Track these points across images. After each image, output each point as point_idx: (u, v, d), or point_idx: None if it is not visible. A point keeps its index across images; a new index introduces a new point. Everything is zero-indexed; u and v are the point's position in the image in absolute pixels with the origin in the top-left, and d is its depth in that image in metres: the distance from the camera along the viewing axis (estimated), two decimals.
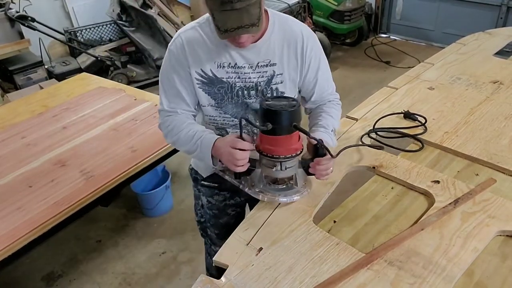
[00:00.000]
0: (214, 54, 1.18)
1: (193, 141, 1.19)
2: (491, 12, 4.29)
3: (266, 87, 1.22)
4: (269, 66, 1.20)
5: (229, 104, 1.23)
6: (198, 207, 1.58)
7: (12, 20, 3.39)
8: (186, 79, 1.20)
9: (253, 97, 1.23)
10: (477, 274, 0.99)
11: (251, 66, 1.19)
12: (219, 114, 1.25)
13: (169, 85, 1.22)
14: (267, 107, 1.06)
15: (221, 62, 1.18)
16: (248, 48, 1.16)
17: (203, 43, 1.17)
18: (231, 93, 1.21)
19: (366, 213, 1.20)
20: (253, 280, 0.98)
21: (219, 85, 1.20)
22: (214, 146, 1.15)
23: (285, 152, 1.09)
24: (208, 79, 1.20)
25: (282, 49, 1.20)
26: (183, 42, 1.18)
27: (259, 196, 1.18)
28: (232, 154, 1.10)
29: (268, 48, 1.18)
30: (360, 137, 1.41)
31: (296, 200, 1.18)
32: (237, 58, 1.18)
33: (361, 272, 0.99)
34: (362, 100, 1.76)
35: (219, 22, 1.01)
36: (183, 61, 1.18)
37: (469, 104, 1.66)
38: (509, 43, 2.25)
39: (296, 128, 1.06)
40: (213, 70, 1.19)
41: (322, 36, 4.28)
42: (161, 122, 1.28)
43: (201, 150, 1.18)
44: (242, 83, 1.20)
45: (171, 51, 1.20)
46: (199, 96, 1.22)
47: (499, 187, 1.24)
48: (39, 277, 2.22)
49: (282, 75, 1.22)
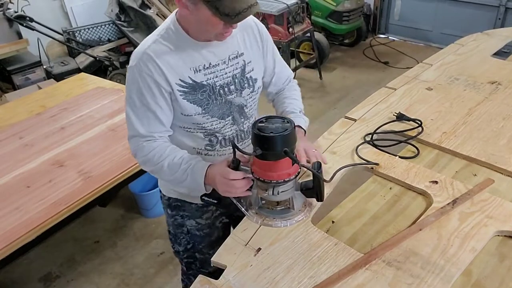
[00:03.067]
0: (187, 61, 1.15)
1: (181, 170, 1.15)
2: (489, 13, 4.30)
3: (242, 78, 1.23)
4: (238, 57, 1.22)
5: (214, 106, 1.20)
6: (182, 236, 1.46)
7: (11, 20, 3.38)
8: (160, 97, 1.14)
9: (233, 92, 1.23)
10: (475, 274, 0.99)
11: (224, 61, 1.19)
12: (206, 120, 1.21)
13: (142, 108, 1.15)
14: (256, 132, 1.02)
15: (196, 66, 1.16)
16: (216, 45, 1.16)
17: (173, 53, 1.14)
18: (214, 94, 1.19)
19: (365, 213, 1.20)
20: (251, 280, 0.98)
21: (201, 90, 1.17)
22: (207, 175, 1.13)
23: (276, 177, 1.05)
24: (189, 87, 1.16)
25: (244, 38, 1.23)
26: (152, 57, 1.11)
27: (254, 219, 1.14)
28: (228, 185, 1.08)
29: (233, 40, 1.19)
30: (356, 148, 1.41)
31: (292, 225, 1.13)
32: (210, 58, 1.17)
33: (359, 272, 0.99)
34: (360, 100, 1.76)
35: (228, 9, 0.99)
36: (158, 77, 1.12)
37: (467, 105, 1.66)
38: (507, 44, 2.25)
39: (287, 154, 1.01)
40: (191, 76, 1.15)
41: (320, 36, 4.28)
42: (136, 149, 1.19)
43: (193, 179, 1.14)
44: (221, 80, 1.20)
45: (140, 70, 1.12)
46: (184, 108, 1.17)
47: (497, 187, 1.24)
48: (37, 278, 2.22)
49: (252, 63, 1.25)
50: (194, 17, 1.06)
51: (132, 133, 1.19)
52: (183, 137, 1.25)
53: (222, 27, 1.06)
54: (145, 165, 1.21)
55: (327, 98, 3.89)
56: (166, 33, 1.15)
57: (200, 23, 1.07)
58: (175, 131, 1.24)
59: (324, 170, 1.11)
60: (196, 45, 1.15)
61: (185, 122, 1.22)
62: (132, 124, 1.17)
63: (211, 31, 1.08)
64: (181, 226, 1.44)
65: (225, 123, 1.24)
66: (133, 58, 1.15)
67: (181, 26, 1.14)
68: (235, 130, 1.27)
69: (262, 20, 3.75)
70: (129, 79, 1.16)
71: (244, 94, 1.25)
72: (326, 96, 3.93)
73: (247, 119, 1.29)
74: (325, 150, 1.43)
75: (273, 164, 1.04)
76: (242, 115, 1.27)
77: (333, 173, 1.26)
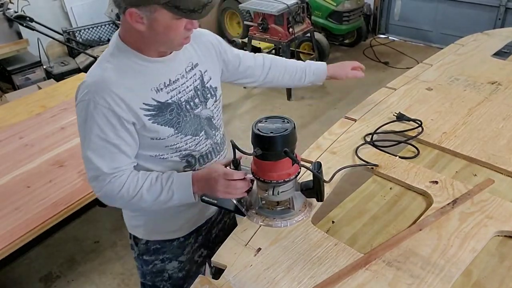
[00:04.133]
0: (146, 81, 1.06)
1: (164, 189, 1.08)
2: (489, 13, 4.30)
3: (203, 89, 1.18)
4: (194, 68, 1.16)
5: (186, 124, 1.13)
6: (162, 284, 1.37)
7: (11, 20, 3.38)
8: (122, 129, 1.04)
9: (199, 105, 1.17)
10: (475, 275, 0.99)
11: (182, 75, 1.13)
12: (180, 140, 1.14)
13: (103, 145, 1.03)
14: (257, 132, 1.01)
15: (157, 86, 1.08)
16: (170, 60, 1.10)
17: (129, 76, 1.04)
18: (182, 111, 1.12)
19: (365, 213, 1.20)
20: (251, 280, 0.98)
21: (168, 109, 1.10)
22: (195, 182, 1.08)
23: (276, 177, 1.05)
24: (155, 108, 1.07)
25: (194, 48, 1.17)
26: (107, 86, 1.01)
27: (254, 219, 1.14)
28: (230, 186, 1.06)
29: (184, 52, 1.13)
30: (355, 149, 1.41)
31: (292, 225, 1.13)
32: (168, 74, 1.10)
33: (359, 272, 0.99)
34: (360, 100, 1.76)
35: (192, 3, 0.92)
36: (117, 108, 1.01)
37: (468, 105, 1.66)
38: (507, 44, 2.25)
39: (287, 154, 1.00)
40: (154, 97, 1.07)
41: (320, 36, 4.28)
42: (103, 189, 1.07)
43: (179, 192, 1.08)
44: (184, 95, 1.13)
45: (96, 104, 1.00)
46: (155, 131, 1.08)
47: (497, 187, 1.24)
48: (37, 278, 2.22)
49: (208, 71, 1.20)
50: (152, 29, 0.97)
51: (94, 174, 1.06)
52: (157, 167, 1.15)
53: (184, 30, 1.00)
54: (118, 202, 1.10)
55: (327, 98, 3.89)
56: (115, 57, 1.05)
57: (159, 34, 0.99)
58: (146, 163, 1.14)
59: (324, 170, 1.11)
60: (151, 62, 1.07)
61: (157, 149, 1.13)
62: (94, 164, 1.04)
63: (173, 38, 1.01)
64: (161, 273, 1.34)
65: (199, 139, 1.19)
66: (82, 92, 1.02)
67: (129, 46, 1.05)
68: (210, 144, 1.23)
69: (262, 20, 3.76)
70: (82, 116, 1.02)
71: (209, 105, 1.20)
72: (326, 96, 3.93)
73: (218, 130, 1.25)
74: (325, 150, 1.43)
75: (273, 164, 1.04)
76: (212, 127, 1.22)
77: (333, 173, 1.26)
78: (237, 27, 5.18)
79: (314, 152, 1.43)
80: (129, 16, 0.96)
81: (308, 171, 1.13)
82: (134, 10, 0.94)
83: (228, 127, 1.38)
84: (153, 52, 1.07)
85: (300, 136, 1.09)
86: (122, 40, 1.06)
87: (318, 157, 1.39)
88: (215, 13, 5.15)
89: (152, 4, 0.92)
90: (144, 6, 0.93)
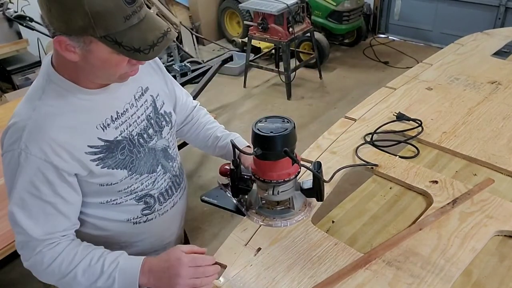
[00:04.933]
0: (90, 118, 0.89)
1: (104, 274, 0.88)
2: (489, 13, 4.30)
3: (157, 117, 1.03)
4: (144, 93, 1.01)
5: (140, 161, 0.98)
6: None
7: (10, 20, 3.38)
8: (61, 184, 0.86)
9: (153, 136, 1.02)
10: (475, 274, 0.99)
11: (131, 104, 0.97)
12: (135, 181, 0.98)
13: (34, 204, 0.85)
14: (257, 132, 1.00)
15: (103, 122, 0.91)
16: (115, 88, 0.93)
17: (68, 115, 0.86)
18: (134, 147, 0.97)
19: (365, 213, 1.20)
20: (251, 280, 0.98)
21: (119, 148, 0.93)
22: (147, 272, 0.90)
23: (276, 177, 1.05)
24: (103, 150, 0.91)
25: (141, 70, 0.95)
26: (43, 129, 0.83)
27: (254, 219, 1.14)
28: (197, 273, 0.90)
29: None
30: (355, 149, 1.41)
31: (292, 225, 1.12)
32: (115, 105, 0.93)
33: (359, 272, 0.99)
34: (360, 100, 1.76)
35: (138, 41, 0.77)
36: (55, 157, 0.84)
37: (467, 105, 1.66)
38: (507, 44, 2.25)
39: (287, 154, 1.00)
40: (101, 136, 0.90)
41: (320, 36, 4.28)
42: (31, 259, 0.89)
43: (121, 281, 0.88)
44: (136, 128, 0.98)
45: (27, 154, 0.82)
46: (105, 177, 0.92)
47: (497, 187, 1.24)
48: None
49: (160, 95, 1.05)
50: (87, 62, 0.81)
51: (22, 239, 0.88)
52: (109, 214, 0.99)
53: (128, 64, 0.84)
54: (45, 277, 0.92)
55: (327, 98, 3.89)
56: (47, 92, 0.86)
57: (96, 67, 0.82)
58: (96, 210, 0.98)
59: (324, 170, 1.11)
60: (93, 95, 0.89)
61: (108, 194, 0.97)
62: (22, 227, 0.86)
63: (114, 73, 0.84)
64: None
65: (157, 176, 1.04)
66: (10, 138, 0.84)
67: (64, 77, 0.86)
68: (169, 178, 1.08)
69: (262, 19, 3.75)
70: (10, 169, 0.84)
71: (165, 134, 1.05)
72: (326, 96, 3.93)
73: (174, 160, 1.11)
74: (325, 150, 1.43)
75: (273, 164, 1.04)
76: (169, 158, 1.08)
77: (333, 173, 1.26)
78: (237, 27, 5.18)
79: (314, 151, 1.43)
80: (57, 43, 0.78)
81: (308, 171, 1.13)
82: (63, 39, 0.77)
83: (228, 127, 1.36)
84: (93, 84, 0.89)
85: (300, 136, 1.09)
86: (56, 69, 0.87)
87: (318, 157, 1.39)
88: (215, 12, 5.15)
89: (87, 35, 0.76)
90: (76, 36, 0.76)
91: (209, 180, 2.85)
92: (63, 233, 0.91)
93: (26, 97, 0.89)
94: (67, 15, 0.74)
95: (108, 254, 0.92)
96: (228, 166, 1.14)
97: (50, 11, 0.76)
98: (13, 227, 0.88)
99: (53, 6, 0.75)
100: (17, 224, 0.87)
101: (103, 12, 0.73)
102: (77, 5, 0.73)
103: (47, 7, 0.76)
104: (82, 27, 0.75)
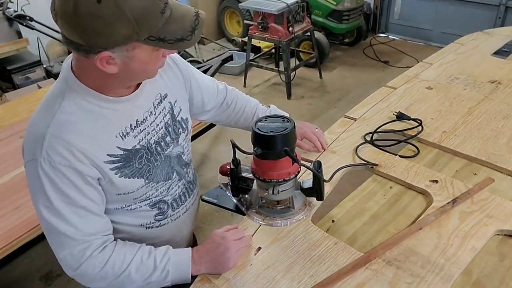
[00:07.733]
0: (110, 127, 0.89)
1: (158, 268, 0.92)
2: (489, 12, 4.30)
3: (174, 124, 1.04)
4: (163, 100, 1.01)
5: (156, 170, 0.98)
6: None
7: (10, 20, 3.38)
8: (87, 187, 0.87)
9: (170, 143, 1.02)
10: (475, 274, 0.99)
11: (150, 111, 0.97)
12: (151, 189, 0.99)
13: (70, 211, 0.86)
14: (257, 131, 1.00)
15: (123, 130, 0.91)
16: (136, 97, 0.93)
17: (88, 123, 0.85)
18: (152, 155, 0.97)
19: (365, 212, 1.20)
20: (251, 279, 0.98)
21: (137, 156, 0.93)
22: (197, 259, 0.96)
23: (276, 177, 1.04)
24: (122, 159, 0.90)
25: (161, 75, 1.00)
26: (63, 138, 0.82)
27: (254, 218, 1.14)
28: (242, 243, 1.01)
29: (151, 82, 0.97)
30: (355, 148, 1.41)
31: (292, 224, 1.12)
32: (134, 113, 0.93)
33: (359, 271, 0.99)
34: (360, 100, 1.76)
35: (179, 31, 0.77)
36: (78, 163, 0.84)
37: (467, 104, 1.66)
38: (507, 43, 2.25)
39: (287, 153, 1.00)
40: (120, 145, 0.90)
41: (320, 35, 4.28)
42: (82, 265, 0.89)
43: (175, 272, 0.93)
44: (154, 136, 0.98)
45: (51, 162, 0.82)
46: (123, 186, 0.92)
47: (497, 186, 1.24)
48: (38, 277, 2.22)
49: (178, 102, 1.05)
50: (127, 69, 0.81)
51: (66, 251, 0.88)
52: (122, 218, 1.00)
53: (162, 57, 0.86)
54: (99, 281, 0.91)
55: (327, 97, 3.89)
56: (67, 99, 0.85)
57: (135, 71, 0.83)
58: (109, 215, 0.97)
59: (324, 169, 1.11)
60: (115, 103, 0.89)
61: (122, 201, 0.97)
62: (64, 234, 0.86)
63: (151, 70, 0.87)
64: None
65: (172, 183, 1.05)
66: (31, 148, 0.83)
67: (85, 84, 0.86)
68: (183, 184, 1.10)
69: (262, 19, 3.76)
70: (35, 179, 0.83)
71: (180, 140, 1.06)
72: (326, 95, 3.93)
73: (189, 166, 1.12)
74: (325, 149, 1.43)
75: (273, 163, 1.04)
76: (183, 164, 1.09)
77: (333, 172, 1.26)
78: (237, 26, 5.18)
79: None
80: (99, 61, 0.77)
81: (308, 170, 1.13)
82: (105, 54, 0.76)
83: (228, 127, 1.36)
84: (117, 91, 0.89)
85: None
86: (76, 76, 0.86)
87: (318, 156, 1.39)
88: (215, 12, 5.15)
89: (130, 42, 0.75)
90: (119, 47, 0.76)
91: (209, 179, 2.85)
92: (104, 233, 0.93)
93: (44, 103, 0.88)
94: (108, 29, 0.72)
95: (156, 249, 0.95)
96: (228, 165, 1.14)
97: (84, 31, 0.73)
98: (53, 240, 0.88)
99: (89, 25, 0.72)
100: (58, 233, 0.86)
101: (144, 13, 0.73)
102: (119, 14, 0.71)
103: (82, 27, 0.73)
104: (125, 35, 0.74)
